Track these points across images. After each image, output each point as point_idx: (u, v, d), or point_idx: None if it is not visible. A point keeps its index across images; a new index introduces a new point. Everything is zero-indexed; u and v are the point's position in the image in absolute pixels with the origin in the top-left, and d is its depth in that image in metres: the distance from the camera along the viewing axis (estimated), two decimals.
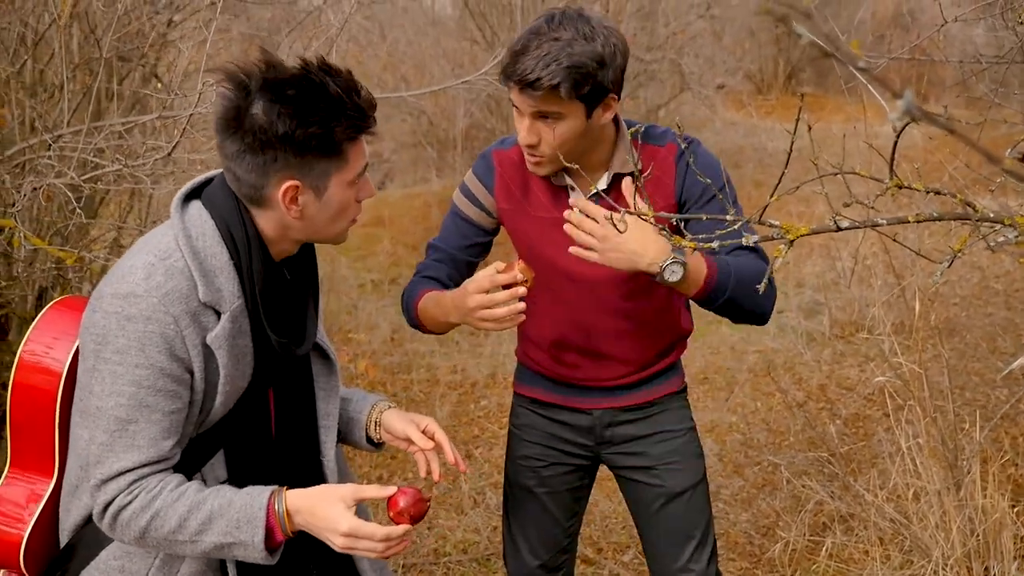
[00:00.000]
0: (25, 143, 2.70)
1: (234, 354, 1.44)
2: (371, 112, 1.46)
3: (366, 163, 1.49)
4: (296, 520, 1.41)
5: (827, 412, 4.31)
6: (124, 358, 1.37)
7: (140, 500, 1.39)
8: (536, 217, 1.91)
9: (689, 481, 2.02)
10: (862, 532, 3.01)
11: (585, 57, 1.68)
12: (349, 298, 5.85)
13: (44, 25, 3.00)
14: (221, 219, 1.44)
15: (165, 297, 1.37)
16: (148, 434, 1.39)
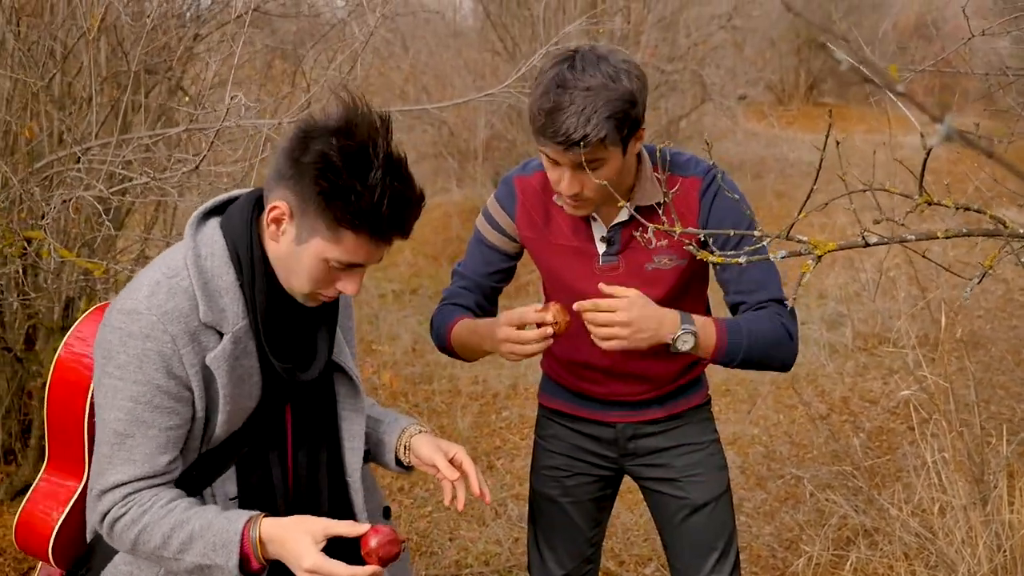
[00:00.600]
0: (54, 155, 2.74)
1: (236, 375, 1.45)
2: (389, 230, 1.40)
3: (360, 264, 1.43)
4: (269, 549, 1.41)
5: (850, 425, 4.28)
6: (124, 373, 1.39)
7: (132, 513, 1.41)
8: (558, 245, 1.91)
9: (712, 493, 2.02)
10: (887, 547, 2.98)
11: (620, 102, 1.66)
12: (371, 308, 5.87)
13: (73, 39, 3.04)
14: (231, 240, 1.45)
15: (164, 316, 1.39)
16: (144, 449, 1.41)
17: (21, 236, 2.57)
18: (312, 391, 1.58)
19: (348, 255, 1.41)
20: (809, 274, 1.36)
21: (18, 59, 2.91)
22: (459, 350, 1.92)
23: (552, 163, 1.74)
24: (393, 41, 8.66)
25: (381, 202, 1.36)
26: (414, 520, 3.53)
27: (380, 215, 1.37)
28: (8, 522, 3.27)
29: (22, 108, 2.99)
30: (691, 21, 7.86)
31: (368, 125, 1.38)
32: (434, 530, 3.46)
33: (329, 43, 3.79)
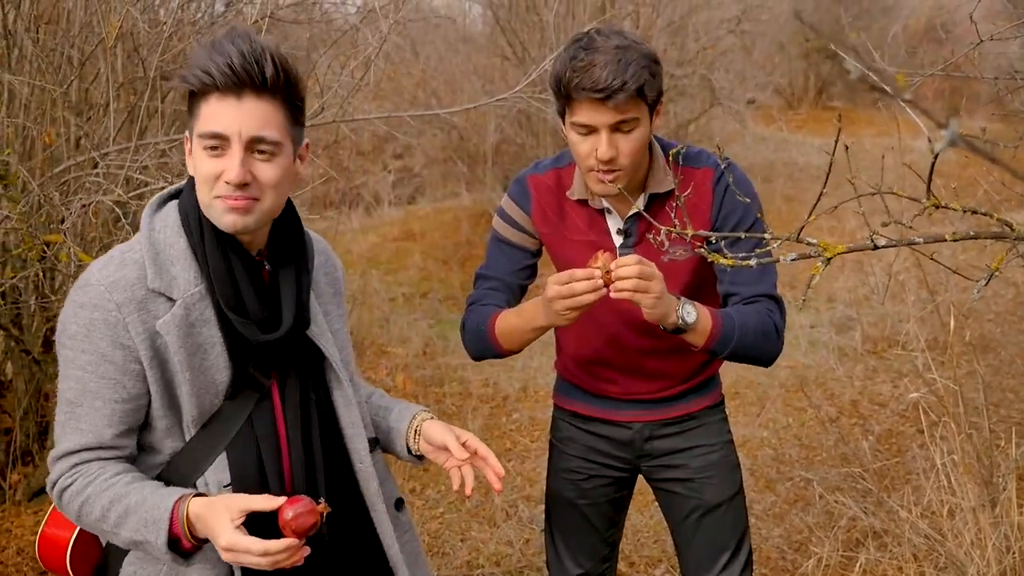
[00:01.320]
0: (72, 161, 2.78)
1: (192, 342, 1.42)
2: (241, 76, 1.35)
3: (216, 131, 1.37)
4: (198, 528, 1.38)
5: (860, 428, 4.29)
6: (74, 343, 1.40)
7: (77, 484, 1.42)
8: (574, 241, 1.93)
9: (725, 494, 2.04)
10: (896, 549, 3.00)
11: (648, 59, 1.72)
12: (381, 311, 5.91)
13: (90, 46, 3.09)
14: (184, 211, 1.45)
15: (111, 285, 1.39)
16: (91, 419, 1.41)
17: (41, 240, 2.61)
18: (298, 371, 1.53)
19: (209, 121, 1.37)
20: (819, 276, 1.38)
21: (37, 66, 2.96)
22: (504, 340, 1.88)
23: (585, 132, 1.75)
24: (403, 46, 8.70)
25: (228, 56, 1.35)
26: (426, 521, 3.56)
27: (228, 66, 1.35)
28: (26, 522, 3.31)
29: (40, 114, 3.04)
30: (700, 25, 7.88)
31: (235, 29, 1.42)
32: (446, 531, 3.49)
33: (341, 49, 3.83)
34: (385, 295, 6.35)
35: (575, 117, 1.74)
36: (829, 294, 6.18)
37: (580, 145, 1.77)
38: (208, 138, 1.38)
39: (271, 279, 1.51)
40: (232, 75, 1.36)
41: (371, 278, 6.62)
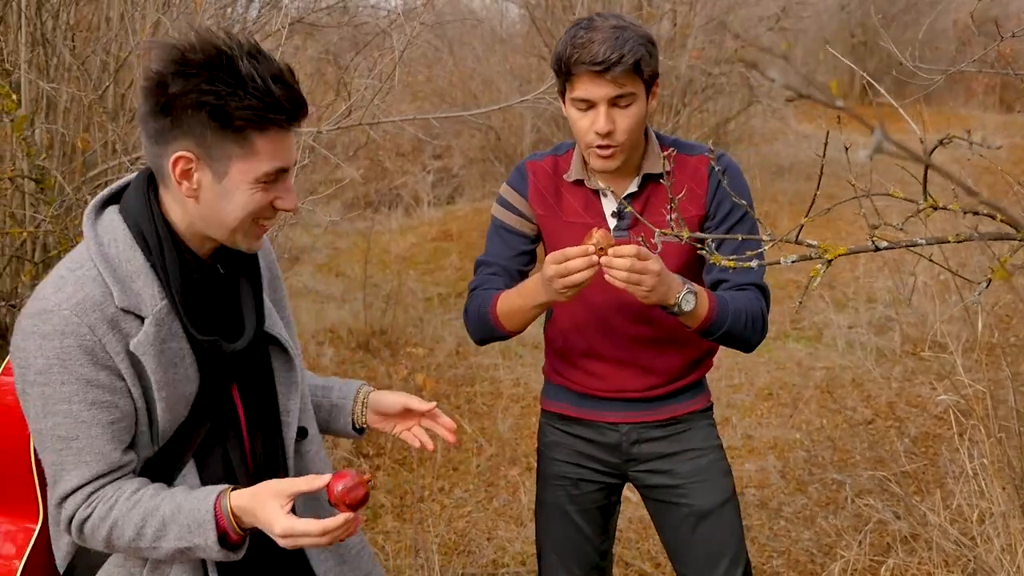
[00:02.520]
0: (106, 165, 2.85)
1: (166, 358, 1.39)
2: (289, 107, 1.34)
3: (283, 166, 1.37)
4: (245, 520, 1.38)
5: (895, 430, 4.22)
6: (49, 377, 1.33)
7: (99, 511, 1.37)
8: (569, 223, 1.95)
9: (717, 499, 2.02)
10: (925, 554, 2.95)
11: (645, 39, 1.80)
12: (416, 311, 5.95)
13: (125, 52, 3.17)
14: (134, 222, 1.38)
15: (77, 307, 1.32)
16: (93, 449, 1.36)
17: (75, 242, 2.69)
18: (254, 368, 1.52)
19: (272, 158, 1.36)
20: (819, 278, 1.37)
21: (74, 73, 3.04)
22: (507, 321, 1.90)
23: (584, 107, 1.82)
24: (442, 48, 8.76)
25: (267, 84, 1.31)
26: (453, 520, 3.59)
27: (274, 98, 1.32)
28: None
29: (75, 120, 3.12)
30: (738, 23, 7.81)
31: (205, 35, 1.33)
32: (472, 530, 3.51)
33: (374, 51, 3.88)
34: (421, 295, 6.40)
35: (575, 92, 1.81)
36: (869, 294, 6.08)
37: (579, 121, 1.83)
38: (273, 174, 1.37)
39: (227, 283, 1.49)
40: (292, 109, 1.35)
41: (407, 278, 6.68)
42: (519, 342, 5.23)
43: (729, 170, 1.89)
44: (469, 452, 4.14)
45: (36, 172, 2.79)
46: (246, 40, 1.35)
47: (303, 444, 1.61)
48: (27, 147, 2.74)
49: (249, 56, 1.32)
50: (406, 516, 3.57)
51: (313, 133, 2.70)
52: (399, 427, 1.70)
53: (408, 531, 3.42)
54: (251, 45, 1.34)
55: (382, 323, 5.47)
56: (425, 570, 3.07)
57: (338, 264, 7.30)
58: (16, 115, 2.68)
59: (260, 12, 3.65)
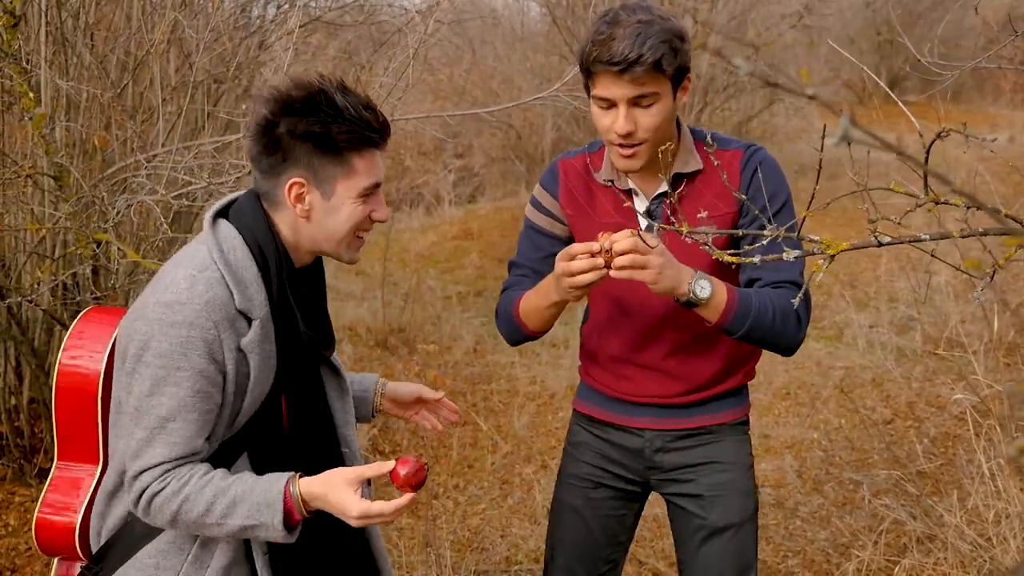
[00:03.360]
0: (124, 162, 2.89)
1: (263, 357, 1.55)
2: (378, 127, 1.55)
3: (378, 181, 1.58)
4: (313, 504, 1.53)
5: (914, 431, 4.18)
6: (167, 361, 1.47)
7: (172, 487, 1.50)
8: (600, 223, 1.90)
9: (734, 518, 1.94)
10: (940, 554, 2.92)
11: (671, 33, 1.71)
12: (434, 309, 5.97)
13: (143, 51, 3.20)
14: (250, 233, 1.56)
15: (207, 305, 1.49)
16: (184, 432, 1.50)
17: (92, 239, 2.73)
18: (306, 378, 1.69)
19: (368, 174, 1.56)
20: (821, 273, 1.37)
21: (93, 72, 3.08)
22: (528, 320, 1.90)
23: (605, 105, 1.76)
24: (462, 47, 8.78)
25: (359, 112, 1.52)
26: (467, 517, 3.60)
27: (366, 122, 1.53)
28: None
29: (94, 118, 3.16)
30: (760, 21, 7.77)
31: (302, 78, 1.53)
32: (486, 527, 3.52)
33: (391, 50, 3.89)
34: (440, 294, 6.42)
35: (596, 90, 1.75)
36: (891, 294, 6.03)
37: (601, 119, 1.78)
38: (372, 187, 1.58)
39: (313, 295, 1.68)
40: (381, 130, 1.56)
41: (426, 276, 6.71)
42: (537, 341, 5.23)
43: (764, 164, 1.83)
44: (484, 450, 4.15)
45: (55, 169, 2.83)
46: (335, 78, 1.56)
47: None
48: (46, 145, 2.78)
49: (341, 90, 1.53)
50: (420, 513, 3.58)
51: None
52: (410, 412, 1.94)
53: (422, 527, 3.43)
54: (339, 81, 1.55)
55: (400, 321, 5.50)
56: (437, 566, 3.08)
57: (358, 262, 7.34)
58: (35, 113, 2.72)
59: (278, 11, 3.68)
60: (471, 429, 4.35)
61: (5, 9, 2.60)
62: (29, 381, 3.60)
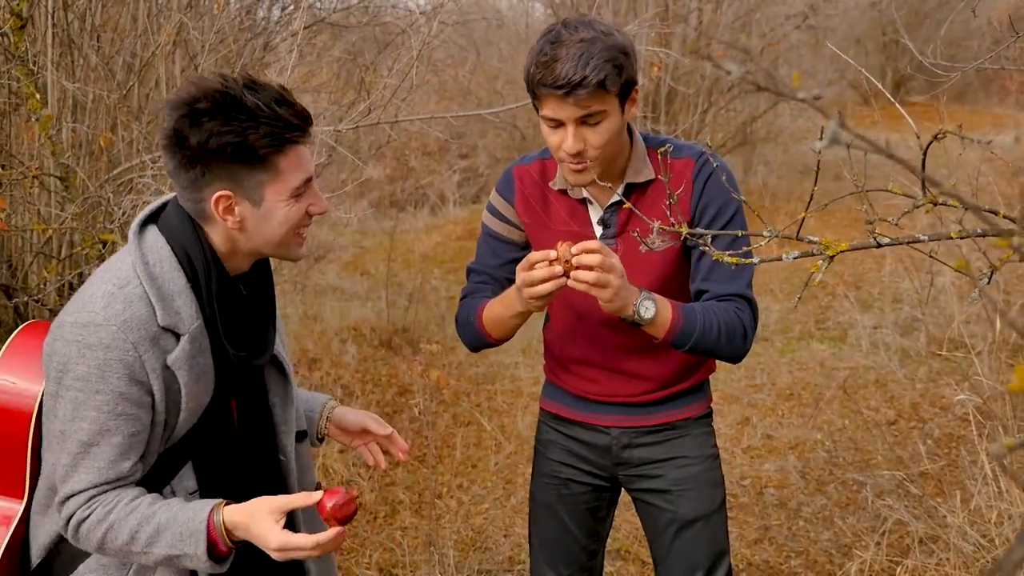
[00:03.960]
0: (129, 163, 2.90)
1: (195, 372, 1.49)
2: (298, 121, 1.46)
3: (308, 176, 1.50)
4: (236, 534, 1.47)
5: (918, 432, 4.18)
6: (85, 385, 1.42)
7: (97, 514, 1.45)
8: (556, 231, 1.93)
9: (703, 509, 2.00)
10: (943, 555, 2.92)
11: (615, 51, 1.71)
12: (438, 309, 5.98)
13: (148, 53, 3.22)
14: (179, 243, 1.48)
15: (124, 325, 1.42)
16: (108, 456, 1.44)
17: (98, 239, 2.74)
18: (252, 382, 1.64)
19: (296, 172, 1.48)
20: (820, 274, 1.37)
21: (99, 73, 3.10)
22: (492, 329, 1.93)
23: (553, 125, 1.76)
24: (467, 47, 8.79)
25: (273, 110, 1.43)
26: (471, 516, 3.61)
27: (283, 120, 1.44)
28: None
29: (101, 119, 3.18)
30: (764, 21, 7.77)
31: (204, 82, 1.44)
32: (489, 526, 3.53)
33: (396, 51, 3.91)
34: (445, 293, 6.43)
35: (543, 111, 1.75)
36: (895, 295, 6.02)
37: (550, 137, 1.78)
38: (304, 184, 1.50)
39: (251, 302, 1.61)
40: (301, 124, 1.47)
41: (431, 276, 6.72)
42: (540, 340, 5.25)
43: (713, 174, 1.85)
44: (488, 449, 4.16)
45: (61, 170, 2.85)
46: (241, 75, 1.47)
47: (300, 445, 1.75)
48: (52, 146, 2.80)
49: (248, 89, 1.43)
50: (424, 512, 3.59)
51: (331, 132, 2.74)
52: (356, 442, 1.85)
53: (426, 527, 3.44)
54: (246, 78, 1.46)
55: (404, 321, 5.51)
56: (440, 565, 3.09)
57: (363, 262, 7.36)
58: (42, 114, 2.74)
59: (283, 13, 3.70)
60: (475, 429, 4.36)
61: (12, 11, 2.62)
62: None
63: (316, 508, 1.51)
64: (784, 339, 5.52)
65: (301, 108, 1.48)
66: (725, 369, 4.85)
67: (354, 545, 3.34)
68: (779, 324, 5.71)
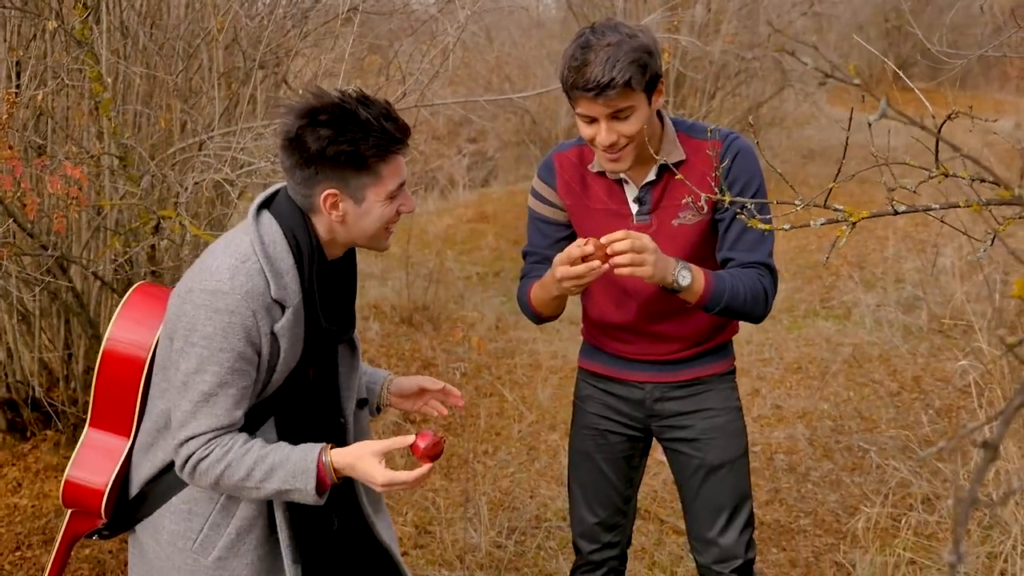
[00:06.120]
0: (182, 143, 3.09)
1: (292, 340, 1.73)
2: (400, 135, 1.70)
3: (403, 180, 1.75)
4: (343, 473, 1.73)
5: (920, 403, 4.39)
6: (210, 343, 1.66)
7: (216, 454, 1.69)
8: (595, 210, 2.14)
9: (728, 456, 2.21)
10: (945, 510, 3.13)
11: (640, 51, 1.91)
12: (456, 289, 6.18)
13: (196, 39, 3.40)
14: (289, 228, 1.73)
15: (247, 294, 1.66)
16: (225, 405, 1.68)
17: (157, 216, 2.93)
18: (327, 352, 1.88)
19: (394, 177, 1.72)
20: (844, 238, 1.57)
21: (156, 59, 3.28)
22: (540, 308, 2.16)
23: (588, 121, 1.98)
24: (479, 33, 8.94)
25: (381, 124, 1.67)
26: (498, 479, 3.81)
27: (389, 133, 1.68)
28: None
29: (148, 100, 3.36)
30: (772, 8, 7.93)
31: (321, 94, 1.68)
32: (516, 488, 3.74)
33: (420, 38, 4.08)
34: (460, 274, 6.63)
35: (577, 109, 1.97)
36: (897, 274, 6.22)
37: (585, 131, 2.00)
38: (398, 188, 1.74)
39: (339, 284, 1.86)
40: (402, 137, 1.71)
41: (446, 258, 6.91)
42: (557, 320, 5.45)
43: (740, 153, 2.06)
44: (511, 419, 4.36)
45: (120, 150, 3.03)
46: (355, 91, 1.71)
47: (360, 412, 2.00)
48: (113, 127, 2.98)
49: (361, 104, 1.67)
50: (453, 476, 3.80)
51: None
52: (418, 403, 2.07)
53: (456, 489, 3.65)
54: (359, 93, 1.70)
55: (424, 299, 5.71)
56: (475, 521, 3.30)
57: None
58: (103, 98, 2.93)
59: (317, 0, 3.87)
60: (497, 400, 4.56)
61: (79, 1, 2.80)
62: (84, 351, 3.82)
63: (410, 449, 1.76)
64: (791, 317, 5.72)
65: (403, 123, 1.72)
66: (735, 343, 5.05)
67: (390, 503, 3.54)
68: (786, 303, 5.91)
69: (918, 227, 7.17)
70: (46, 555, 3.29)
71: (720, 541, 2.24)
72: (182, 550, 1.80)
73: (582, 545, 2.37)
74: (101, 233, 3.28)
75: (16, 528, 3.42)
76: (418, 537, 3.39)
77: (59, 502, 3.70)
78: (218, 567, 1.79)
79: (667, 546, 3.35)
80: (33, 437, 3.95)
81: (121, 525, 1.88)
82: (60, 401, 3.76)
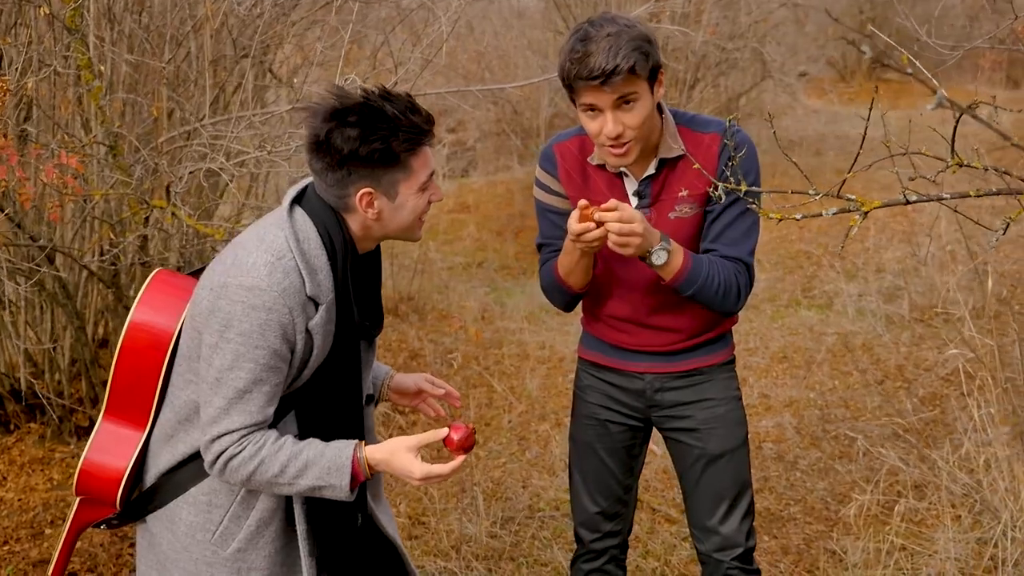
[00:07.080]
0: (175, 131, 3.05)
1: (323, 336, 1.74)
2: (427, 127, 1.71)
3: (432, 171, 1.76)
4: (377, 468, 1.75)
5: (904, 391, 4.44)
6: (247, 340, 1.65)
7: (248, 451, 1.69)
8: (595, 202, 2.12)
9: (728, 445, 2.23)
10: (934, 497, 3.18)
11: (640, 39, 1.93)
12: (440, 279, 6.17)
13: (183, 27, 3.36)
14: (322, 225, 1.73)
15: (284, 292, 1.66)
16: (259, 402, 1.69)
17: (150, 206, 2.89)
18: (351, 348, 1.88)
19: (424, 168, 1.74)
20: (856, 227, 1.58)
21: (138, 45, 3.23)
22: (568, 278, 2.15)
23: (591, 113, 1.98)
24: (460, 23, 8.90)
25: (408, 118, 1.67)
26: (490, 470, 3.82)
27: (416, 126, 1.69)
28: None
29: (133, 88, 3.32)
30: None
31: (342, 94, 1.68)
32: (508, 479, 3.74)
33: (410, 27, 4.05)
34: (442, 264, 6.60)
35: (581, 100, 1.97)
36: (878, 264, 6.28)
37: (590, 124, 2.00)
38: (428, 179, 1.76)
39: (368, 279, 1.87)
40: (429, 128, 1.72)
41: (428, 248, 6.88)
42: (543, 308, 5.45)
43: (740, 145, 2.06)
44: (500, 409, 4.36)
45: (110, 139, 2.99)
46: (377, 87, 1.72)
47: (367, 407, 1.99)
48: (103, 115, 2.94)
49: (385, 99, 1.67)
50: None
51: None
52: (415, 401, 2.10)
53: (449, 479, 3.65)
54: (381, 89, 1.71)
55: (409, 290, 5.69)
56: (470, 512, 3.30)
57: None
58: (93, 86, 2.88)
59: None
60: (486, 390, 4.56)
61: None
62: (70, 342, 3.77)
63: (444, 442, 1.77)
64: (773, 306, 5.76)
65: (427, 114, 1.73)
66: None
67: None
68: (767, 292, 5.96)
69: (896, 218, 7.24)
70: (34, 549, 3.25)
71: (721, 529, 2.25)
72: (200, 542, 1.79)
73: (583, 534, 2.38)
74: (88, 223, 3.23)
75: (3, 522, 3.37)
76: (412, 528, 3.39)
77: (45, 496, 3.66)
78: (236, 559, 1.79)
79: (660, 535, 3.37)
80: (17, 430, 3.90)
81: (132, 515, 1.87)
82: (45, 393, 3.71)
